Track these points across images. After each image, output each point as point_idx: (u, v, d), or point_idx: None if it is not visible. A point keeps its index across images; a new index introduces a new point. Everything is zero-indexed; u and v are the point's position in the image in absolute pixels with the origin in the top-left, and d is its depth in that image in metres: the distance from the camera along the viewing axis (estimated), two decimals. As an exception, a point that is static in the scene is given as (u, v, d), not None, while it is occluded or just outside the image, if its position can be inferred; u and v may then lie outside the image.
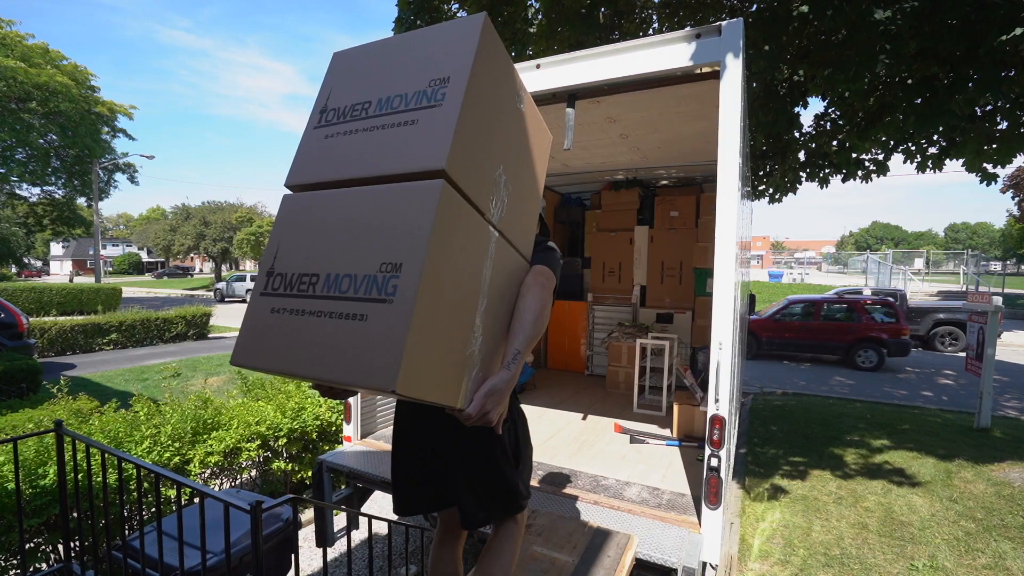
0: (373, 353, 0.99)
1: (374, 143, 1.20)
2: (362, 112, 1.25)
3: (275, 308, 1.15)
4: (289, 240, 1.20)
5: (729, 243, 2.22)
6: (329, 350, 1.04)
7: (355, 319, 1.03)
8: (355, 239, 1.11)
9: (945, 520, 3.73)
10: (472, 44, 1.19)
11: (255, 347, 1.15)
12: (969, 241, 65.79)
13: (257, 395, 4.44)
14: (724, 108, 2.21)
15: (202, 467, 3.39)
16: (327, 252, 1.14)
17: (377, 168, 1.17)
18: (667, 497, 2.67)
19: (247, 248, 30.94)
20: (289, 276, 1.16)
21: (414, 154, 1.13)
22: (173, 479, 1.55)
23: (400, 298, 1.00)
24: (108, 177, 24.52)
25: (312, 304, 1.10)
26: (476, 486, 1.47)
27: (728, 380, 2.23)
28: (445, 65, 1.19)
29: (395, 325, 0.98)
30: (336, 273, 1.10)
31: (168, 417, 3.46)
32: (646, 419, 4.23)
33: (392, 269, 1.03)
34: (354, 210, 1.15)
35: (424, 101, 1.17)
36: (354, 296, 1.05)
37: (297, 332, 1.09)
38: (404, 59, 1.27)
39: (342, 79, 1.35)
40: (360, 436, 3.51)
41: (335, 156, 1.24)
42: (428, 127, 1.14)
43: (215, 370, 9.30)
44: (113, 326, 11.81)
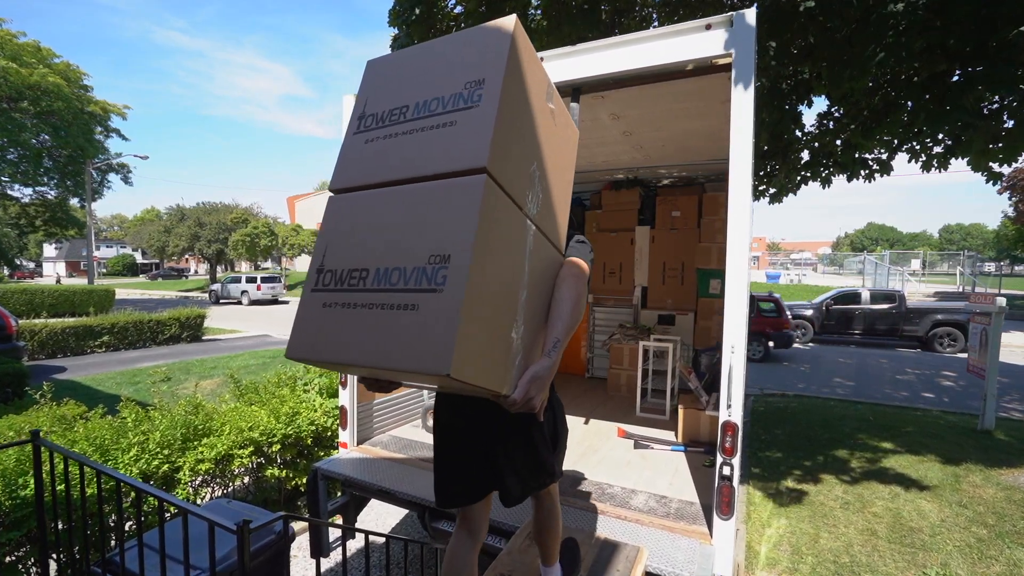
0: (426, 340, 1.03)
1: (415, 145, 1.25)
2: (400, 116, 1.30)
3: (327, 303, 1.20)
4: (337, 239, 1.27)
5: (742, 243, 2.13)
6: (382, 339, 1.09)
7: (407, 309, 1.08)
8: (403, 234, 1.17)
9: (956, 526, 3.65)
10: (504, 46, 1.24)
11: (309, 341, 1.20)
12: (963, 242, 66.17)
13: (250, 399, 4.32)
14: (736, 102, 2.12)
15: (192, 475, 3.28)
16: (376, 248, 1.19)
17: (420, 168, 1.22)
18: (675, 506, 2.58)
19: (242, 249, 30.72)
20: (339, 272, 1.21)
21: (456, 153, 1.18)
22: (154, 495, 1.45)
23: (450, 287, 1.05)
24: (101, 177, 24.32)
25: (363, 297, 1.15)
26: (519, 468, 1.53)
27: (741, 385, 2.14)
28: (479, 67, 1.24)
29: (446, 313, 1.03)
30: (386, 267, 1.15)
31: (157, 423, 3.34)
32: (649, 423, 4.14)
33: (440, 260, 1.08)
34: (401, 207, 1.21)
35: (461, 103, 1.22)
36: (404, 287, 1.10)
37: (350, 324, 1.15)
38: (438, 64, 1.32)
39: (377, 86, 1.40)
40: (356, 442, 3.41)
41: (377, 159, 1.30)
42: (467, 127, 1.19)
43: (208, 373, 9.16)
44: (105, 328, 11.64)
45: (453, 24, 5.14)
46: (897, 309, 13.58)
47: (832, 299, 14.41)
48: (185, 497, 3.23)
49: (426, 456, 3.27)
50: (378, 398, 3.70)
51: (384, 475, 2.94)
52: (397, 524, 4.01)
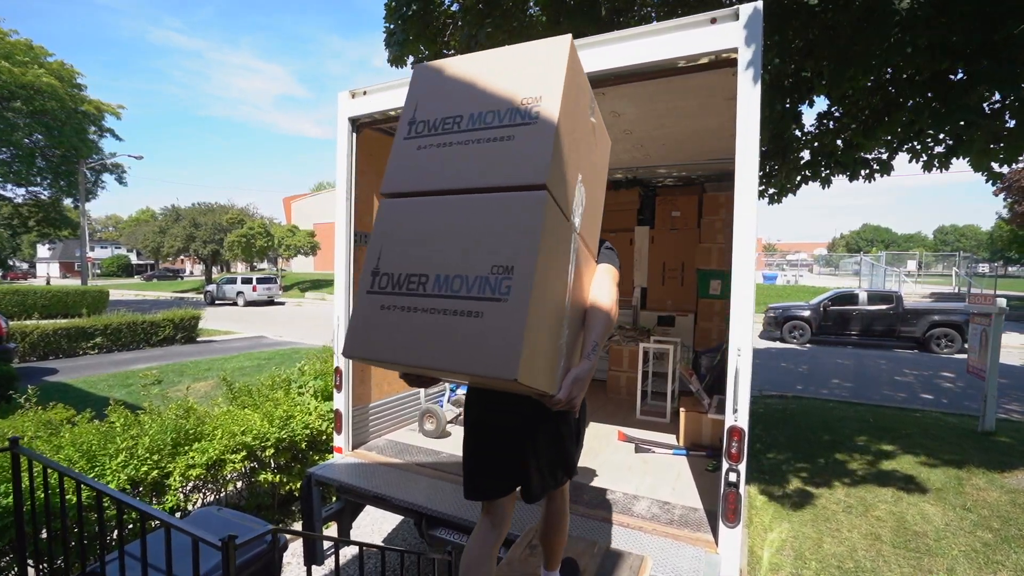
0: (492, 347, 1.10)
1: (472, 156, 1.30)
2: (454, 126, 1.35)
3: (384, 305, 1.25)
4: (392, 243, 1.31)
5: (748, 243, 2.07)
6: (445, 343, 1.15)
7: (470, 316, 1.14)
8: (463, 243, 1.22)
9: (960, 530, 3.60)
10: (562, 65, 1.29)
11: (366, 340, 1.25)
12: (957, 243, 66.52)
13: (243, 403, 4.24)
14: (742, 98, 2.06)
15: (183, 481, 3.19)
16: (435, 255, 1.24)
17: (479, 180, 1.27)
18: (679, 512, 2.52)
19: (238, 250, 30.52)
20: (396, 276, 1.26)
21: (516, 168, 1.23)
22: (135, 507, 1.37)
23: (514, 297, 1.11)
24: (95, 178, 24.12)
25: (423, 302, 1.20)
26: (543, 465, 1.60)
27: (747, 389, 2.08)
28: (536, 85, 1.29)
29: (512, 322, 1.10)
30: (446, 274, 1.20)
31: (147, 428, 3.26)
32: (650, 426, 4.08)
33: (504, 271, 1.14)
34: (461, 216, 1.26)
35: (518, 118, 1.27)
36: (467, 295, 1.16)
37: (409, 327, 1.20)
38: (490, 77, 1.37)
39: (427, 93, 1.44)
40: (352, 447, 3.33)
41: (432, 167, 1.34)
42: (526, 143, 1.24)
43: (203, 375, 9.05)
44: (98, 330, 11.50)
45: (450, 22, 5.07)
46: (894, 310, 13.57)
47: (830, 300, 14.40)
48: (175, 503, 3.14)
49: (423, 461, 3.19)
50: (373, 401, 3.63)
51: (380, 481, 2.87)
52: (393, 530, 3.93)
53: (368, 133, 3.42)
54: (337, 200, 3.22)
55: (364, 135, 3.35)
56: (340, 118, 3.15)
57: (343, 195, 3.19)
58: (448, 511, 2.49)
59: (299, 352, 11.41)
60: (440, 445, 3.51)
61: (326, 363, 5.06)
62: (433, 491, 2.73)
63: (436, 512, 2.51)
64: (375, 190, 3.60)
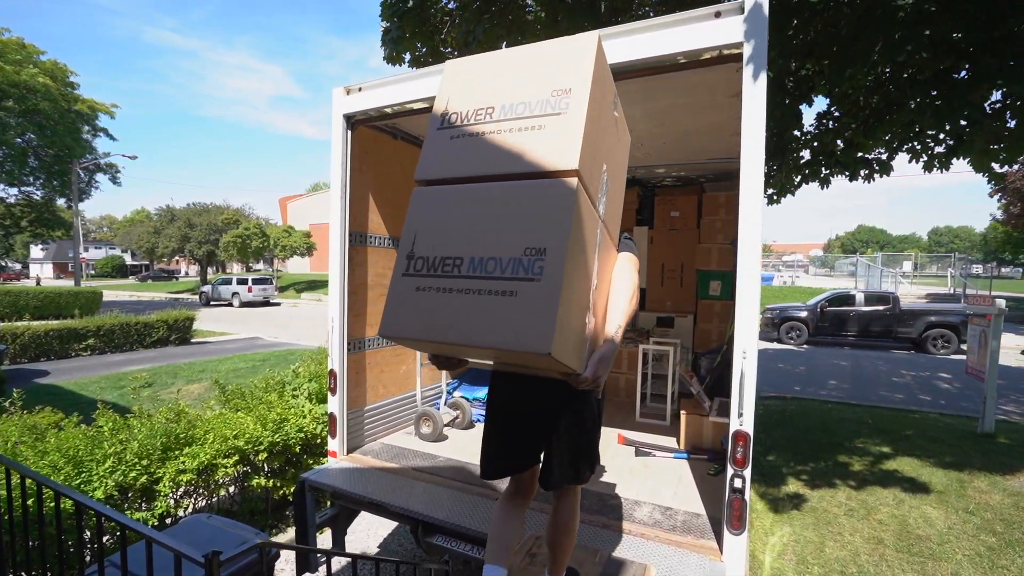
0: (526, 324, 1.16)
1: (504, 144, 1.35)
2: (486, 116, 1.41)
3: (420, 287, 1.31)
4: (426, 227, 1.37)
5: (753, 244, 2.02)
6: (481, 321, 1.21)
7: (505, 295, 1.20)
8: (496, 226, 1.28)
9: (964, 534, 3.56)
10: (590, 60, 1.35)
11: (403, 319, 1.31)
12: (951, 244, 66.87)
13: (236, 405, 4.16)
14: (748, 94, 2.01)
15: (173, 486, 3.12)
16: (469, 238, 1.30)
17: (511, 167, 1.32)
18: (681, 518, 2.46)
19: (233, 251, 30.32)
20: (431, 259, 1.32)
21: (548, 155, 1.28)
22: (115, 519, 1.30)
23: (547, 277, 1.18)
24: (89, 177, 23.94)
25: (459, 283, 1.26)
26: (564, 450, 1.65)
27: (752, 393, 2.02)
28: (565, 77, 1.35)
29: (545, 300, 1.16)
30: (480, 256, 1.26)
31: (136, 432, 3.18)
32: (650, 429, 4.02)
33: (537, 253, 1.20)
34: (493, 202, 1.31)
35: (548, 109, 1.33)
36: (501, 276, 1.22)
37: (445, 306, 1.26)
38: (520, 71, 1.43)
39: (458, 86, 1.50)
40: (346, 451, 3.26)
41: (465, 155, 1.40)
42: (557, 132, 1.29)
43: (196, 376, 8.95)
44: (90, 331, 11.37)
45: (448, 19, 5.01)
46: (891, 311, 13.59)
47: (827, 301, 14.41)
48: (165, 509, 3.07)
49: (419, 465, 3.13)
50: (369, 404, 3.56)
51: (375, 486, 2.80)
52: (389, 534, 3.86)
53: (363, 131, 3.35)
54: (331, 199, 3.15)
55: (359, 132, 3.28)
56: (335, 115, 3.08)
57: (337, 194, 3.12)
58: (445, 518, 2.43)
59: (294, 353, 11.32)
60: (437, 449, 3.45)
61: (321, 365, 4.98)
62: (430, 497, 2.66)
63: (433, 519, 2.44)
64: (370, 189, 3.53)
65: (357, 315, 3.43)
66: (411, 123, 3.59)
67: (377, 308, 3.65)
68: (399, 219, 3.86)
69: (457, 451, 3.40)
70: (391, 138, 3.71)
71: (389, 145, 3.69)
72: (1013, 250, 33.06)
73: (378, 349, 3.65)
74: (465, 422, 3.92)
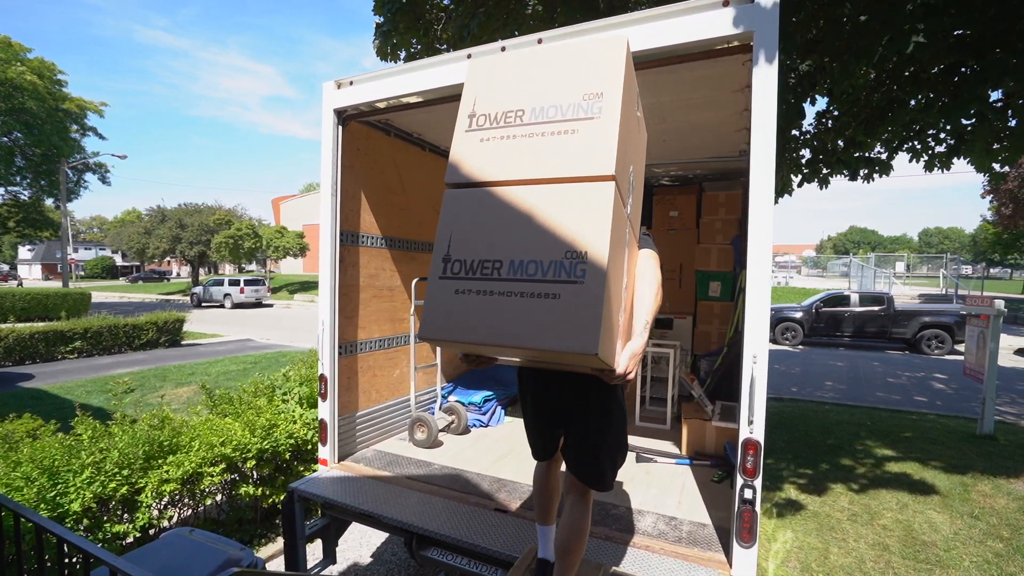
0: (571, 325, 1.20)
1: (538, 148, 1.37)
2: (516, 119, 1.42)
3: (459, 289, 1.33)
4: (461, 230, 1.38)
5: (764, 243, 1.93)
6: (526, 323, 1.24)
7: (548, 297, 1.24)
8: (535, 230, 1.30)
9: (970, 540, 3.49)
10: (620, 63, 1.36)
11: (442, 323, 1.33)
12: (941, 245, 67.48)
13: (224, 411, 4.02)
14: (759, 86, 1.92)
15: (156, 497, 2.98)
16: (507, 241, 1.32)
17: (545, 171, 1.34)
18: (687, 528, 2.36)
19: (225, 251, 30.00)
20: (469, 262, 1.34)
21: (583, 160, 1.30)
22: (76, 545, 1.18)
23: (590, 280, 1.21)
24: (77, 177, 23.60)
25: (499, 286, 1.29)
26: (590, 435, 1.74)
27: (763, 398, 1.93)
28: (596, 81, 1.36)
29: (590, 302, 1.20)
30: (521, 259, 1.29)
31: (117, 440, 3.04)
32: (650, 433, 3.92)
33: (578, 256, 1.24)
34: (531, 205, 1.33)
35: (581, 113, 1.35)
36: (543, 278, 1.25)
37: (486, 309, 1.28)
38: (548, 72, 1.43)
39: (485, 86, 1.51)
40: (337, 459, 3.14)
41: (496, 158, 1.41)
42: (591, 136, 1.32)
43: (186, 379, 8.77)
44: (77, 333, 11.14)
45: (443, 15, 4.90)
46: (886, 311, 13.62)
47: (822, 302, 14.42)
48: (147, 521, 2.93)
49: (413, 473, 3.01)
50: (361, 410, 3.44)
51: (367, 496, 2.68)
52: (383, 543, 3.74)
53: (355, 126, 3.24)
54: (322, 197, 3.04)
55: (351, 128, 3.17)
56: (325, 110, 2.97)
57: (328, 192, 3.00)
58: (441, 530, 2.31)
59: (286, 355, 11.14)
60: (432, 456, 3.34)
61: (312, 368, 4.85)
62: (425, 507, 2.55)
63: (428, 531, 2.33)
64: (363, 187, 3.42)
65: (349, 317, 3.31)
66: (405, 119, 3.48)
67: (369, 310, 3.53)
68: (393, 218, 3.74)
69: (453, 458, 3.29)
70: (384, 134, 3.59)
71: (383, 142, 3.58)
72: (1003, 251, 33.40)
73: (370, 352, 3.54)
74: (460, 427, 3.81)
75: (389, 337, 3.74)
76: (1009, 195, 20.29)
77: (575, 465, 1.79)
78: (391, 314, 3.76)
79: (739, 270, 4.58)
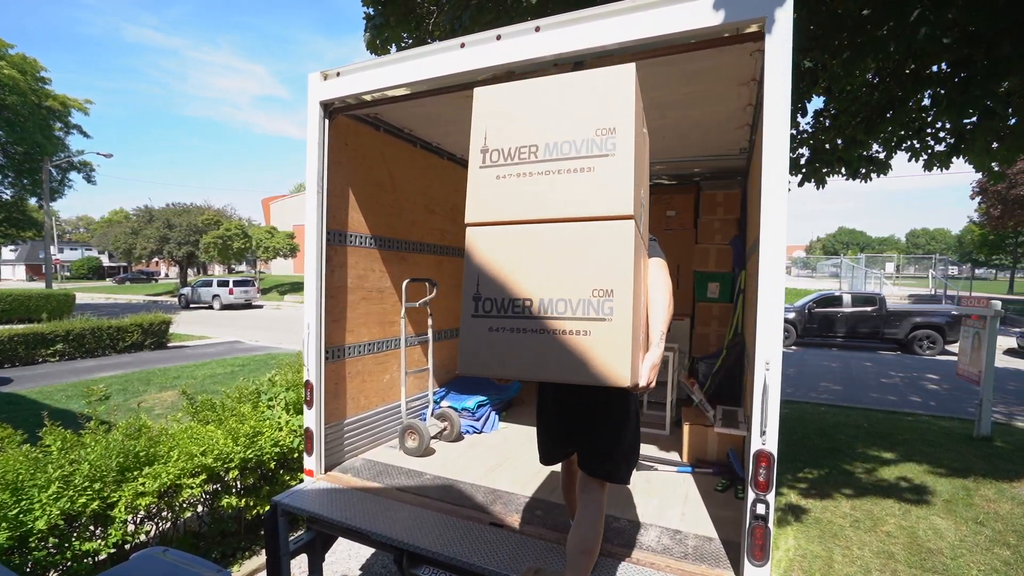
0: (604, 359, 1.30)
1: (555, 186, 1.42)
2: (530, 155, 1.46)
3: (492, 327, 1.42)
4: (488, 269, 1.45)
5: (777, 241, 1.81)
6: (557, 358, 1.34)
7: (579, 334, 1.33)
8: (561, 268, 1.37)
9: (976, 547, 3.41)
10: (630, 95, 1.40)
11: (480, 359, 1.44)
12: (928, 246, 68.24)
13: (206, 418, 3.85)
14: (772, 72, 1.80)
15: (130, 512, 2.81)
16: (534, 280, 1.39)
17: (565, 210, 1.39)
18: (692, 543, 2.24)
19: (214, 252, 29.59)
20: (500, 301, 1.42)
21: (602, 200, 1.36)
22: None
23: (619, 318, 1.30)
24: (62, 176, 23.10)
25: (531, 324, 1.38)
26: (603, 437, 1.82)
27: (776, 407, 1.81)
28: (607, 115, 1.40)
29: (619, 338, 1.29)
30: (550, 298, 1.37)
31: (88, 452, 2.87)
32: (649, 439, 3.81)
33: (605, 294, 1.32)
34: (555, 244, 1.39)
35: (596, 149, 1.39)
36: (572, 316, 1.34)
37: (520, 346, 1.38)
38: (559, 104, 1.46)
39: (495, 119, 1.54)
40: (324, 469, 2.99)
41: (515, 197, 1.46)
42: (608, 175, 1.37)
43: (170, 383, 8.53)
44: (59, 336, 10.84)
45: (435, 8, 4.76)
46: (878, 312, 13.66)
47: (814, 302, 14.45)
48: (121, 536, 2.76)
49: (404, 484, 2.87)
50: (349, 417, 3.29)
51: (355, 510, 2.54)
52: (372, 556, 3.59)
53: (343, 120, 3.09)
54: (307, 194, 2.89)
55: (338, 122, 3.02)
56: (311, 102, 2.82)
57: (314, 189, 2.85)
58: (433, 547, 2.17)
59: (275, 357, 10.92)
60: (424, 465, 3.19)
61: (299, 373, 4.68)
62: (416, 522, 2.41)
63: (419, 548, 2.19)
64: (351, 184, 3.27)
65: (336, 320, 3.16)
66: (395, 113, 3.33)
67: (358, 313, 3.38)
68: (383, 217, 3.60)
69: (445, 467, 3.15)
70: (373, 129, 3.45)
71: (372, 137, 3.44)
72: (988, 252, 33.83)
73: (359, 357, 3.39)
74: (453, 434, 3.67)
75: (379, 341, 3.60)
76: (998, 196, 20.49)
77: (590, 465, 1.85)
78: (381, 317, 3.61)
79: (738, 271, 4.48)
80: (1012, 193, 19.93)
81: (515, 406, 4.66)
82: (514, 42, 2.25)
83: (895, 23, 2.93)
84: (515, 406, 4.66)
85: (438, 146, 4.09)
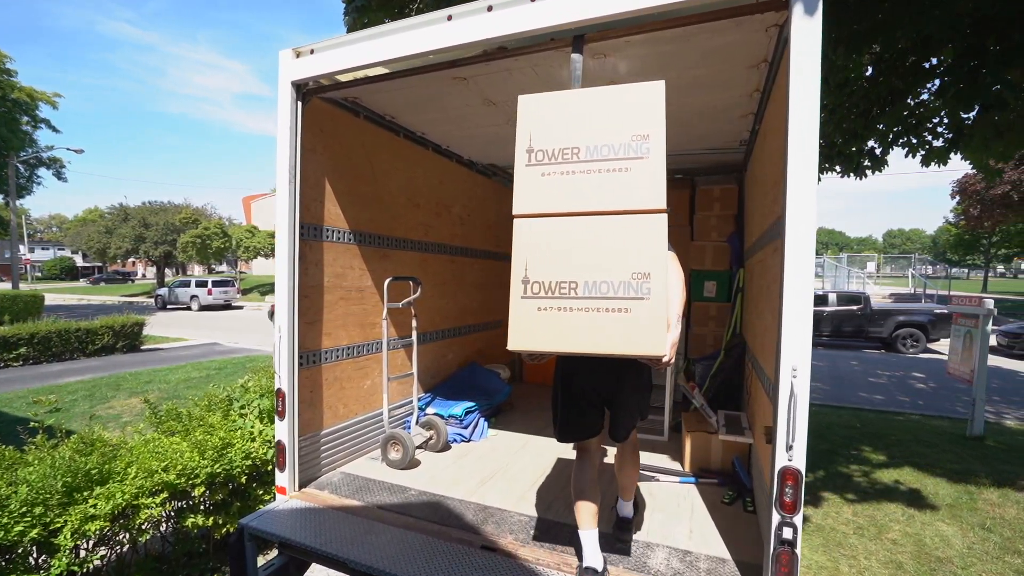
0: (641, 334, 1.54)
1: (596, 184, 1.64)
2: (572, 156, 1.67)
3: (541, 307, 1.63)
4: (536, 255, 1.66)
5: (805, 235, 1.62)
6: (600, 333, 1.57)
7: (620, 312, 1.56)
8: (603, 254, 1.60)
9: (986, 555, 3.29)
10: (660, 106, 1.64)
11: (529, 335, 1.64)
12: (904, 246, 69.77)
13: (170, 428, 3.54)
14: (798, 42, 1.61)
15: (78, 537, 2.51)
16: (580, 264, 1.61)
17: (605, 204, 1.62)
18: (704, 566, 2.04)
19: (192, 252, 28.77)
20: (547, 283, 1.64)
21: (639, 196, 1.59)
22: None
23: (654, 297, 1.54)
24: (29, 172, 22.17)
25: (576, 303, 1.60)
26: (631, 410, 2.07)
27: (805, 419, 1.62)
28: (641, 123, 1.63)
29: (655, 315, 1.54)
30: (594, 280, 1.60)
31: (30, 471, 2.56)
32: (646, 446, 3.61)
33: (643, 277, 1.55)
34: (598, 234, 1.61)
35: (632, 152, 1.62)
36: (614, 296, 1.57)
37: (567, 323, 1.60)
38: (598, 112, 1.68)
39: (538, 124, 1.73)
40: (298, 486, 2.73)
41: (560, 192, 1.67)
42: (643, 175, 1.60)
43: (142, 388, 8.11)
44: (23, 339, 10.28)
45: (420, -5, 4.51)
46: (863, 311, 13.75)
47: (801, 301, 14.48)
48: (67, 565, 2.46)
49: (387, 502, 2.62)
50: (326, 428, 3.03)
51: (332, 533, 2.29)
52: (352, 576, 3.33)
53: (319, 104, 2.83)
54: (278, 184, 2.62)
55: (313, 106, 2.76)
56: (282, 82, 2.56)
57: (285, 178, 2.59)
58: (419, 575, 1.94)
59: (255, 360, 10.53)
60: (408, 479, 2.95)
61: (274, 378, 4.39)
62: (399, 547, 2.17)
63: (402, 579, 1.95)
64: (327, 174, 3.01)
65: (311, 323, 2.89)
66: (376, 97, 3.08)
67: (335, 314, 3.12)
68: (363, 211, 3.34)
69: (432, 481, 2.91)
70: (353, 116, 3.19)
71: (351, 124, 3.18)
72: (962, 252, 34.63)
73: (337, 362, 3.12)
74: (440, 444, 3.43)
75: (359, 344, 3.34)
76: (977, 196, 20.88)
77: (625, 429, 2.08)
78: (361, 318, 3.35)
79: (736, 269, 4.32)
80: (991, 193, 20.32)
81: (504, 412, 4.43)
82: (507, 13, 2.03)
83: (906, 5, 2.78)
84: (504, 412, 4.43)
85: (423, 135, 3.83)
